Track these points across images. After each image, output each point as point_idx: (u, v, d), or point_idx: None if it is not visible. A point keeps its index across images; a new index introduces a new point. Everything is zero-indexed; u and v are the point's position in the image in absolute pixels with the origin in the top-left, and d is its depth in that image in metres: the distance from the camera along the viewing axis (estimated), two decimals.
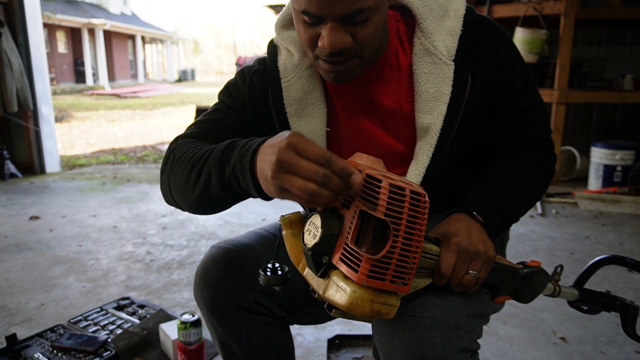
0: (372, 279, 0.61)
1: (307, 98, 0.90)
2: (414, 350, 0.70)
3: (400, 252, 0.61)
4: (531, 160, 0.92)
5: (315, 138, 0.92)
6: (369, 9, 0.73)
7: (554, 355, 1.65)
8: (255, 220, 3.24)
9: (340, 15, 0.72)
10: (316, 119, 0.91)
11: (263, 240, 0.97)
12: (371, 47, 0.79)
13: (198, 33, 58.39)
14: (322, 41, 0.76)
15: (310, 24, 0.77)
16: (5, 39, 4.05)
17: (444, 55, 0.85)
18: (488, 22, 0.89)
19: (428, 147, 0.86)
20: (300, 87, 0.90)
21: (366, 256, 0.60)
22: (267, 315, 0.95)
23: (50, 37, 19.82)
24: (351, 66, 0.80)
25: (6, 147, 4.38)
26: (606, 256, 1.00)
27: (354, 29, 0.75)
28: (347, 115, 0.93)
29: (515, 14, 3.76)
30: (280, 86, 0.90)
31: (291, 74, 0.90)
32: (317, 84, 0.91)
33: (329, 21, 0.74)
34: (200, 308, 0.94)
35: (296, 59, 0.90)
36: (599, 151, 3.83)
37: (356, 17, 0.73)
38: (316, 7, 0.72)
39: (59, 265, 2.43)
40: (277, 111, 0.91)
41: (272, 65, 0.92)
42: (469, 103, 0.86)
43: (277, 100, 0.91)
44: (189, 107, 12.77)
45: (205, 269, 0.91)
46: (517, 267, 0.83)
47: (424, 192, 0.63)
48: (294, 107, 0.91)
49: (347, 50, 0.77)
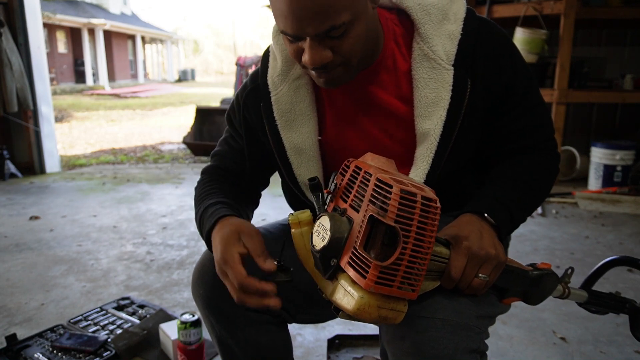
0: (380, 285, 0.60)
1: (295, 109, 0.92)
2: (426, 351, 0.70)
3: (409, 259, 0.60)
4: (535, 161, 0.91)
5: (306, 148, 0.92)
6: (345, 24, 0.73)
7: (554, 355, 1.65)
8: (255, 220, 3.23)
9: (315, 34, 0.73)
10: (306, 128, 0.92)
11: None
12: (355, 55, 0.79)
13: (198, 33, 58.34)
14: (304, 57, 0.77)
15: (291, 40, 0.78)
16: (5, 39, 4.05)
17: (443, 60, 0.84)
18: (488, 24, 0.88)
19: (428, 153, 0.86)
20: (288, 99, 0.91)
21: (375, 262, 0.59)
22: (264, 313, 0.95)
23: (50, 37, 19.81)
24: (338, 74, 0.81)
25: (6, 147, 4.38)
26: (616, 257, 0.98)
27: (333, 43, 0.76)
28: (343, 120, 0.93)
29: (515, 14, 3.75)
30: (270, 100, 0.92)
31: (279, 87, 0.92)
32: (305, 94, 0.91)
33: (308, 38, 0.75)
34: (197, 305, 0.95)
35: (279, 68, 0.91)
36: (599, 151, 3.83)
37: (332, 33, 0.74)
38: (291, 28, 0.74)
39: (59, 265, 2.43)
40: (269, 124, 0.93)
41: (262, 79, 0.94)
42: (468, 108, 0.85)
43: (268, 114, 0.93)
44: (189, 107, 12.77)
45: (202, 267, 0.93)
46: (527, 269, 0.82)
47: (435, 197, 0.62)
48: (284, 119, 0.92)
49: (330, 63, 0.77)
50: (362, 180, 0.68)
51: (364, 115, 0.91)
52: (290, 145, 0.92)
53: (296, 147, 0.92)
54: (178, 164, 5.56)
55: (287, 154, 0.93)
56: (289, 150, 0.93)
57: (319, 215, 0.69)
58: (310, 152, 0.93)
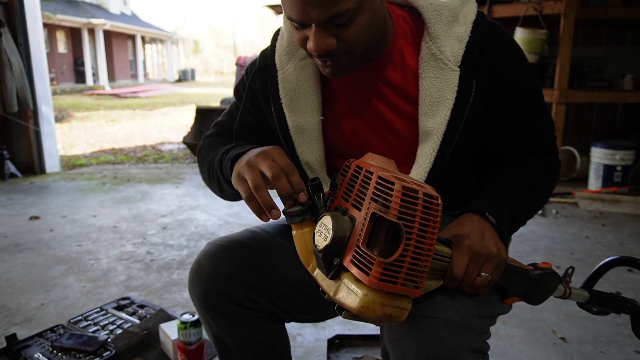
0: (384, 282, 0.60)
1: (300, 88, 0.93)
2: (428, 351, 0.70)
3: (413, 256, 0.60)
4: (537, 165, 0.92)
5: (308, 127, 0.94)
6: (349, 11, 0.74)
7: (554, 355, 1.65)
8: (255, 220, 3.23)
9: (320, 20, 0.74)
10: (309, 108, 0.94)
11: (257, 237, 0.99)
12: (361, 44, 0.79)
13: (198, 33, 58.37)
14: (309, 44, 0.78)
15: (297, 27, 0.80)
16: (5, 39, 4.05)
17: (449, 60, 0.85)
18: (497, 28, 0.89)
19: (430, 152, 0.87)
20: (294, 77, 0.93)
21: (378, 259, 0.59)
22: (259, 311, 0.96)
23: (50, 37, 19.80)
24: (343, 63, 0.81)
25: (6, 147, 4.38)
26: (617, 257, 0.98)
27: (338, 30, 0.77)
28: (347, 106, 0.94)
29: (515, 14, 3.75)
30: (277, 79, 0.94)
31: (286, 66, 0.94)
32: (310, 74, 0.93)
33: (313, 25, 0.76)
34: (194, 304, 0.96)
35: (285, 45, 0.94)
36: (599, 151, 3.83)
37: (337, 20, 0.75)
38: (297, 14, 0.75)
39: (59, 265, 2.43)
40: (275, 102, 0.95)
41: (270, 58, 0.96)
42: (472, 109, 0.86)
43: (274, 92, 0.95)
44: (189, 107, 12.77)
45: (198, 265, 0.94)
46: (528, 268, 0.82)
47: (436, 194, 0.62)
48: (289, 98, 0.94)
49: (335, 50, 0.78)
50: (363, 179, 0.68)
51: (368, 106, 0.92)
52: (293, 123, 0.94)
53: (298, 125, 0.94)
54: (178, 164, 5.56)
55: (289, 132, 0.95)
56: (292, 129, 0.94)
57: (321, 215, 0.69)
58: (312, 132, 0.94)
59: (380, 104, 0.91)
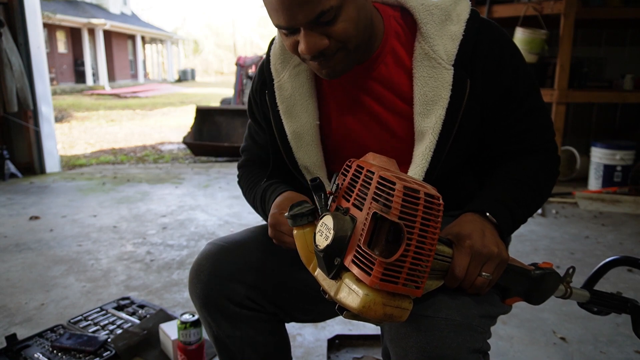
0: (385, 282, 0.60)
1: (296, 94, 0.94)
2: (429, 351, 0.70)
3: (414, 255, 0.60)
4: (536, 163, 0.92)
5: (305, 132, 0.95)
6: (333, 8, 0.75)
7: (554, 355, 1.65)
8: (255, 220, 3.24)
9: (307, 22, 0.75)
10: (305, 113, 0.95)
11: (257, 237, 0.99)
12: (352, 39, 0.80)
13: (198, 33, 58.32)
14: (301, 46, 0.79)
15: (287, 34, 0.80)
16: (5, 39, 4.05)
17: (443, 59, 0.85)
18: (490, 26, 0.88)
19: (427, 151, 0.87)
20: (289, 84, 0.94)
21: (379, 259, 0.59)
22: (259, 311, 0.96)
23: (50, 37, 19.80)
24: (339, 60, 0.82)
25: (6, 147, 4.38)
26: (617, 257, 0.98)
27: (326, 29, 0.77)
28: (343, 109, 0.94)
29: (515, 14, 3.75)
30: (274, 87, 0.96)
31: (281, 74, 0.95)
32: (305, 79, 0.94)
33: (302, 28, 0.77)
34: (194, 304, 0.97)
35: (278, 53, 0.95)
36: (599, 151, 3.83)
37: (323, 19, 0.75)
38: (284, 20, 0.76)
39: (59, 265, 2.43)
40: (273, 110, 0.96)
41: (266, 69, 0.98)
42: (467, 107, 0.86)
43: (272, 100, 0.96)
44: (189, 107, 12.78)
45: (198, 265, 0.95)
46: (529, 268, 0.82)
47: (438, 194, 0.62)
48: (285, 105, 0.95)
49: (327, 49, 0.79)
50: (364, 178, 0.68)
51: (363, 107, 0.92)
52: (290, 129, 0.95)
53: (295, 131, 0.95)
54: (178, 164, 5.56)
55: (287, 138, 0.96)
56: (290, 135, 0.95)
57: (322, 215, 0.69)
58: (309, 137, 0.95)
59: (374, 103, 0.91)
